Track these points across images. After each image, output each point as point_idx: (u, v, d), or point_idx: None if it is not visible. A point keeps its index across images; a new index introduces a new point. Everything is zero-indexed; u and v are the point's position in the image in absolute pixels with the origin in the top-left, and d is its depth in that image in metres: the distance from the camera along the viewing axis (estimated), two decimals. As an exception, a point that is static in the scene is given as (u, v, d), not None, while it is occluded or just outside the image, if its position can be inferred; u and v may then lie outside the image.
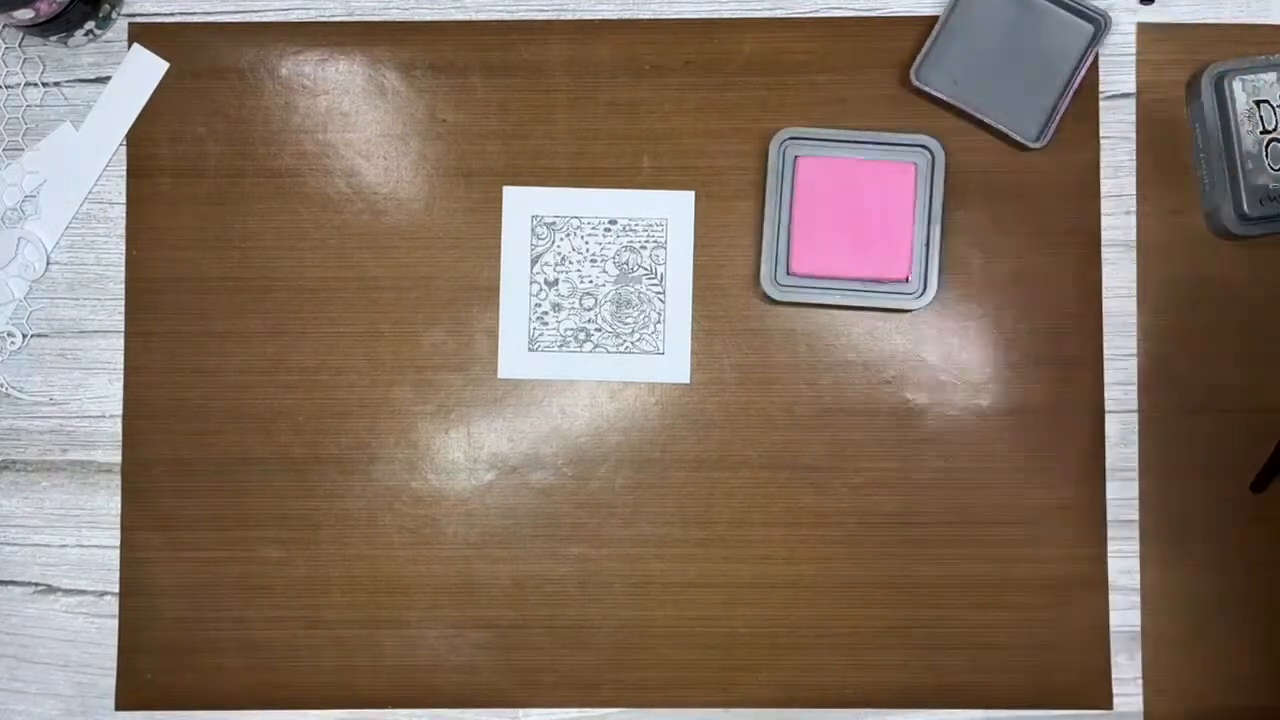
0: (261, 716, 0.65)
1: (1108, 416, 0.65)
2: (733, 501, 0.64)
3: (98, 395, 0.65)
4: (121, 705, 0.65)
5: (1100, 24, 0.63)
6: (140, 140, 0.66)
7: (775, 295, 0.63)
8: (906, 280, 0.63)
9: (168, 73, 0.66)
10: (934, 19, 0.64)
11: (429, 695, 0.64)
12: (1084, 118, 0.65)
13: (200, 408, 0.65)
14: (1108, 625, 0.64)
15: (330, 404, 0.65)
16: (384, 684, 0.64)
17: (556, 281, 0.65)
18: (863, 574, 0.64)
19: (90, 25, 0.65)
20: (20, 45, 0.66)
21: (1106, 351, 0.65)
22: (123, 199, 0.66)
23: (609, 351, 0.65)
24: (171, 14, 0.66)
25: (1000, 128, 0.63)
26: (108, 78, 0.66)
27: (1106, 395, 0.65)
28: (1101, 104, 0.65)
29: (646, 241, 0.65)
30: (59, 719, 0.65)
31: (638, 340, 0.65)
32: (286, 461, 0.65)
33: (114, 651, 0.65)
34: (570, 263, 0.65)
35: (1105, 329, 0.65)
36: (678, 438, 0.65)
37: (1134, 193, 0.65)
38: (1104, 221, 0.65)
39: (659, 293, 0.65)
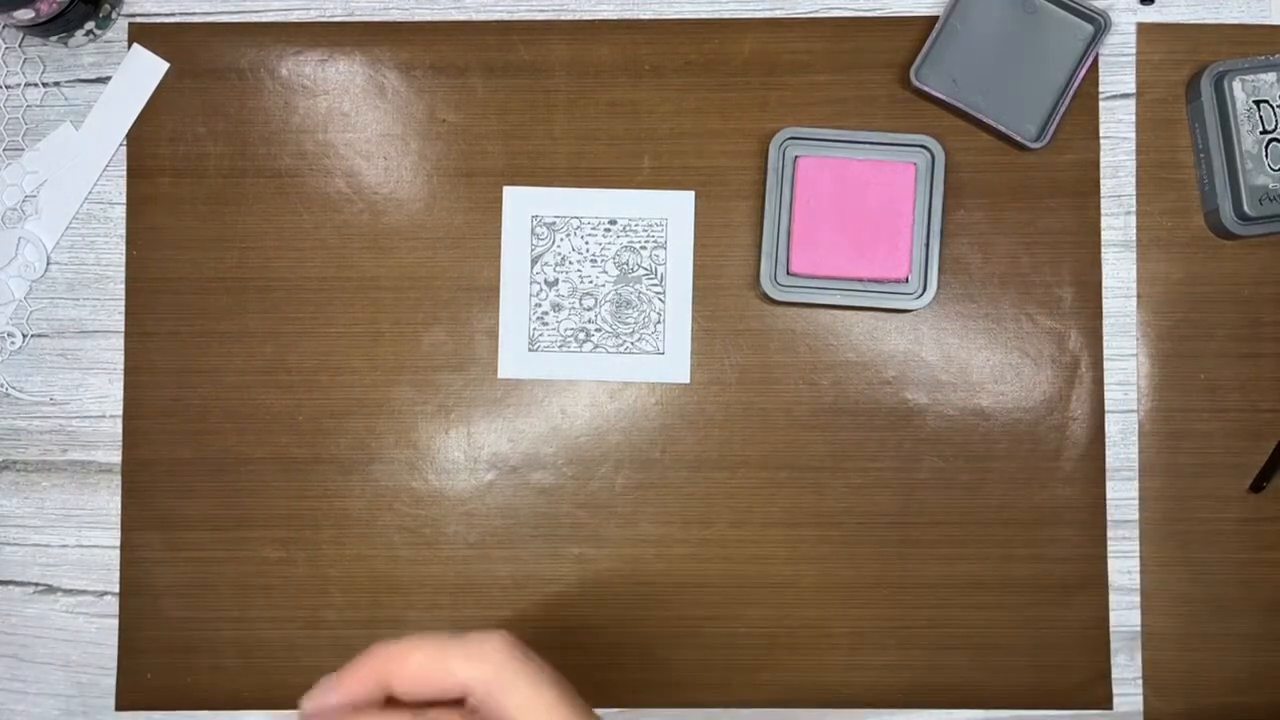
0: (261, 716, 0.65)
1: (1108, 416, 0.65)
2: (733, 501, 0.64)
3: (98, 395, 0.65)
4: (121, 705, 0.65)
5: (1100, 24, 0.63)
6: (140, 140, 0.66)
7: (775, 295, 0.63)
8: (906, 280, 0.63)
9: (168, 73, 0.66)
10: (934, 19, 0.64)
11: (429, 695, 0.64)
12: (1084, 118, 0.65)
13: (200, 408, 0.65)
14: (1108, 625, 0.64)
15: (330, 404, 0.65)
16: (384, 684, 0.64)
17: (556, 281, 0.65)
18: (863, 574, 0.64)
19: (90, 25, 0.65)
20: (20, 45, 0.66)
21: (1106, 351, 0.65)
22: (123, 199, 0.66)
23: (609, 351, 0.65)
24: (171, 14, 0.66)
25: (1000, 128, 0.63)
26: (108, 78, 0.66)
27: (1106, 395, 0.65)
28: (1101, 104, 0.65)
29: (646, 241, 0.65)
30: (59, 719, 0.65)
31: (638, 340, 0.65)
32: (286, 462, 0.65)
33: (114, 651, 0.65)
34: (570, 263, 0.65)
35: (1105, 329, 0.65)
36: (678, 438, 0.65)
37: (1134, 193, 0.65)
38: (1104, 221, 0.65)
39: (659, 293, 0.65)
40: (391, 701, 0.37)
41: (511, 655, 0.35)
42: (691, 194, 0.65)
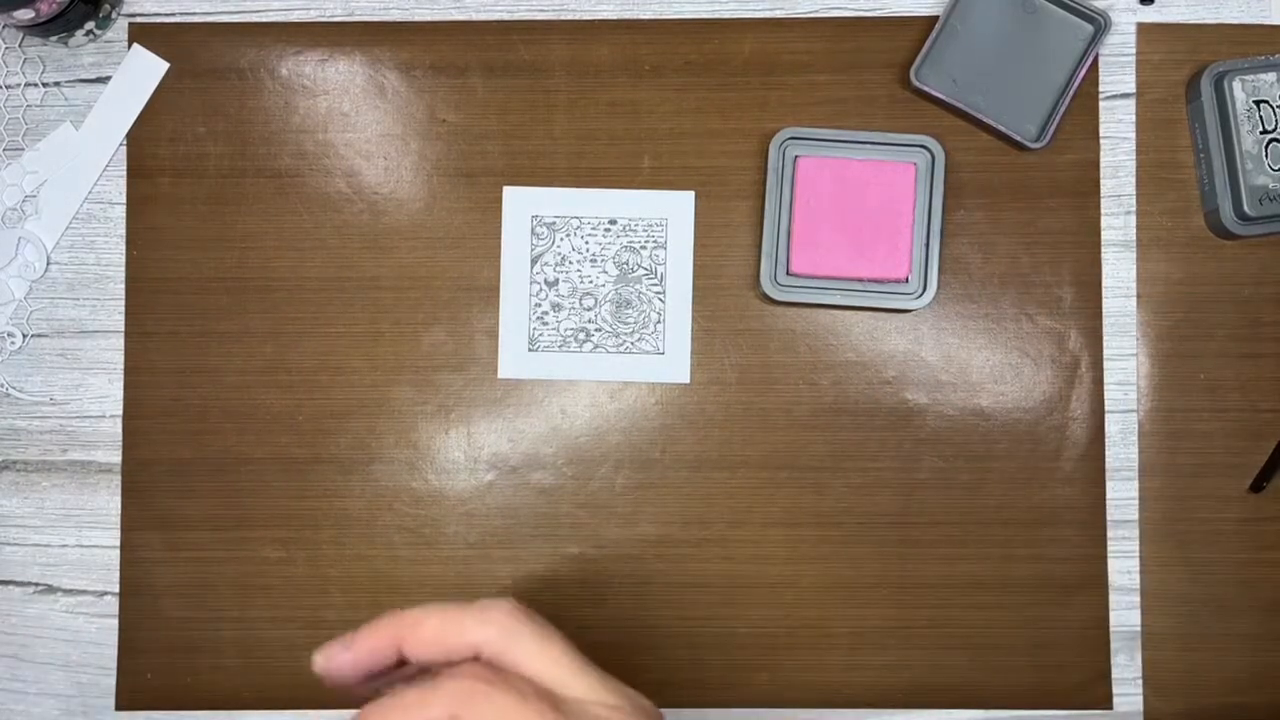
0: (261, 716, 0.65)
1: (1108, 416, 0.65)
2: (733, 501, 0.64)
3: (98, 395, 0.65)
4: (121, 705, 0.65)
5: (1100, 24, 0.63)
6: (140, 140, 0.66)
7: (775, 295, 0.63)
8: (906, 280, 0.63)
9: (168, 73, 0.66)
10: (934, 19, 0.64)
11: (429, 695, 0.64)
12: (1084, 118, 0.65)
13: (200, 408, 0.65)
14: (1108, 625, 0.64)
15: (330, 404, 0.65)
16: (384, 684, 0.64)
17: (556, 281, 0.65)
18: (863, 574, 0.64)
19: (90, 25, 0.65)
20: (20, 45, 0.66)
21: (1106, 351, 0.65)
22: (123, 199, 0.66)
23: (609, 351, 0.65)
24: (171, 14, 0.66)
25: (1000, 128, 0.63)
26: (108, 78, 0.66)
27: (1106, 395, 0.65)
28: (1101, 104, 0.65)
29: (646, 241, 0.65)
30: (59, 719, 0.65)
31: (638, 340, 0.65)
32: (286, 461, 0.65)
33: (114, 651, 0.65)
34: (570, 263, 0.65)
35: (1105, 329, 0.65)
36: (678, 438, 0.65)
37: (1134, 193, 0.65)
38: (1104, 221, 0.65)
39: (659, 293, 0.65)
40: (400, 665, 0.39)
41: (517, 617, 0.37)
42: (691, 194, 0.65)
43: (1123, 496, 0.64)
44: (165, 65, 0.66)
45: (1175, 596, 0.64)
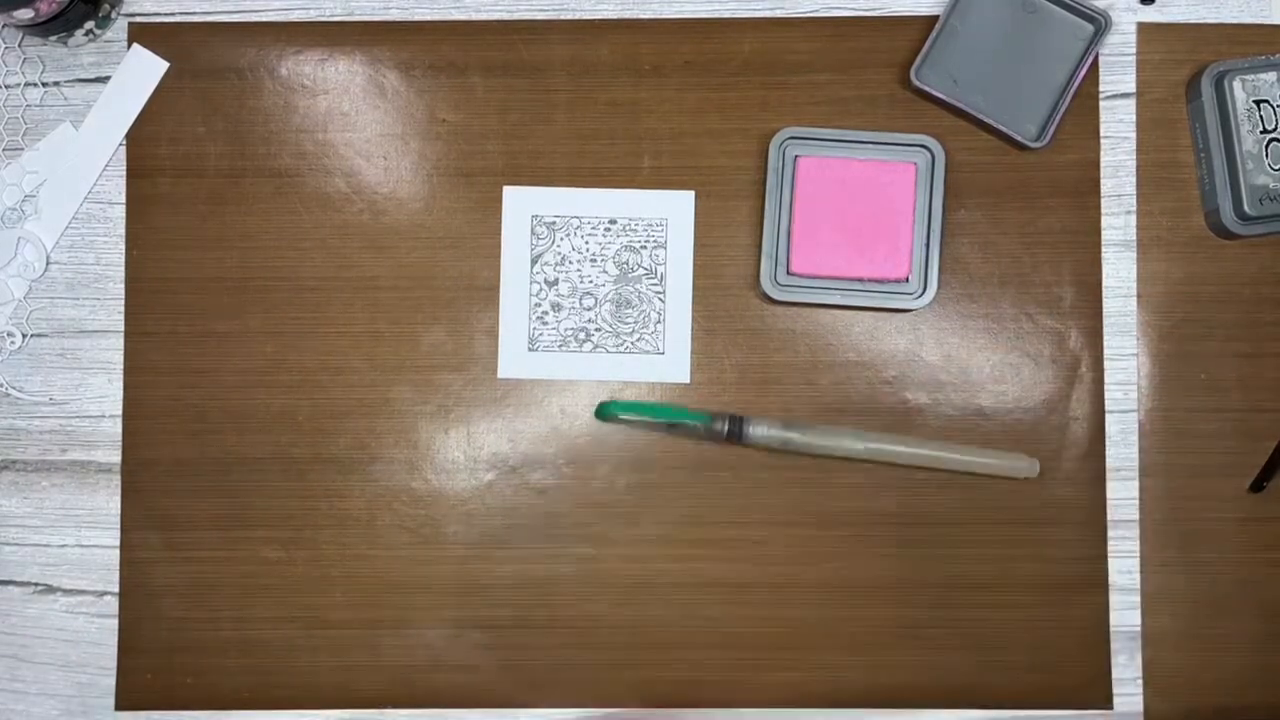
0: (261, 716, 0.65)
1: (1108, 416, 0.65)
2: (733, 502, 0.64)
3: (98, 395, 0.65)
4: (121, 705, 0.65)
5: (1100, 24, 0.63)
6: (140, 140, 0.66)
7: (775, 295, 0.63)
8: (906, 280, 0.63)
9: (168, 73, 0.66)
10: (934, 19, 0.64)
11: (429, 695, 0.64)
12: (1084, 118, 0.65)
13: (200, 408, 0.65)
14: (1108, 625, 0.64)
15: (330, 404, 0.65)
16: (384, 684, 0.64)
17: (556, 281, 0.65)
18: (863, 574, 0.64)
19: (90, 25, 0.65)
20: (20, 45, 0.66)
21: (1106, 351, 0.65)
22: (123, 199, 0.66)
23: (609, 351, 0.65)
24: (171, 14, 0.66)
25: (1000, 128, 0.63)
26: (108, 78, 0.66)
27: (1106, 395, 0.65)
28: (1101, 104, 0.65)
29: (646, 241, 0.65)
30: (59, 719, 0.65)
31: (638, 340, 0.65)
32: (286, 461, 0.65)
33: (114, 651, 0.65)
34: (570, 262, 0.65)
35: (1105, 329, 0.65)
36: (678, 438, 0.65)
37: (1134, 193, 0.65)
38: (1104, 221, 0.65)
39: (659, 293, 0.65)
40: None
41: None
42: (691, 194, 0.65)
43: (1123, 496, 0.64)
44: (165, 65, 0.66)
45: (1175, 596, 0.64)
